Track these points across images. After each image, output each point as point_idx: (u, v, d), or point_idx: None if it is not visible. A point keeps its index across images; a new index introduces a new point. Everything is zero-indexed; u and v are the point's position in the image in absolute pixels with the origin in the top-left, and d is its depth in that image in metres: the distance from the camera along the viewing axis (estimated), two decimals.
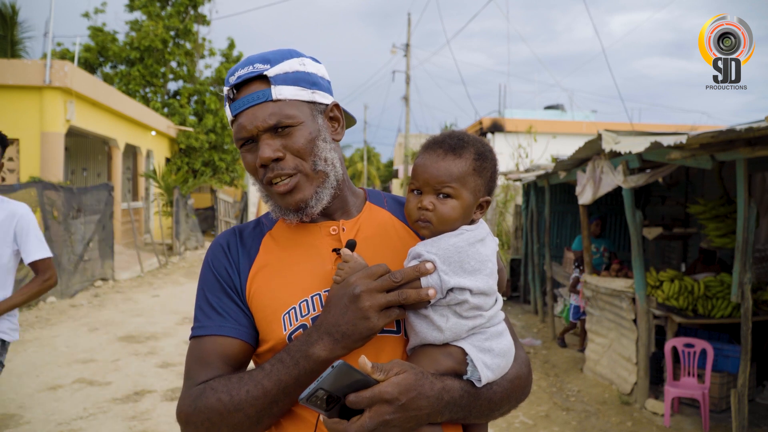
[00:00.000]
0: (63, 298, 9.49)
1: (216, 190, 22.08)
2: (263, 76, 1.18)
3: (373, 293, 1.03)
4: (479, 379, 1.08)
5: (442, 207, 1.13)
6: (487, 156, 1.18)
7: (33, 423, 4.57)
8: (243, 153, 1.20)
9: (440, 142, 1.17)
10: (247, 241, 1.26)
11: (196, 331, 1.19)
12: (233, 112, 1.19)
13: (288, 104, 1.17)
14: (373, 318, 1.02)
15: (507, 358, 1.13)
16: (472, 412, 1.10)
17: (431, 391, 1.02)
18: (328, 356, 1.03)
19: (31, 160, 11.47)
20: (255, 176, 1.21)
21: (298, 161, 1.17)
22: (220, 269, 1.22)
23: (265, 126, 1.15)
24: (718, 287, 5.27)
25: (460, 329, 1.08)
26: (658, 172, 5.01)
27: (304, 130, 1.18)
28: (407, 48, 26.41)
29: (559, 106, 24.26)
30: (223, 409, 1.06)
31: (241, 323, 1.17)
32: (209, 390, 1.08)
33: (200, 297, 1.22)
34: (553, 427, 4.81)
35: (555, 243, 9.65)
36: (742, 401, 4.06)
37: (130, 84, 20.90)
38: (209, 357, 1.15)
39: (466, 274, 1.08)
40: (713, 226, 5.67)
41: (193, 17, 21.90)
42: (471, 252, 1.10)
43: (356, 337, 1.03)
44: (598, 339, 6.11)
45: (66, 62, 11.67)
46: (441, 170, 1.13)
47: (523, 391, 1.20)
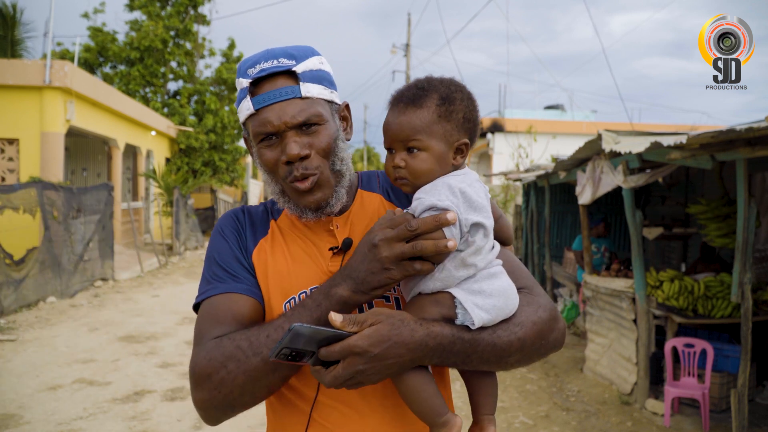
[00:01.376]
0: (63, 298, 9.49)
1: (216, 190, 22.09)
2: (291, 72, 1.17)
3: (391, 243, 1.01)
4: (472, 322, 1.06)
5: (413, 162, 1.11)
6: (454, 98, 1.13)
7: (33, 423, 4.57)
8: (262, 149, 1.18)
9: (401, 95, 1.15)
10: (256, 219, 1.28)
11: (207, 292, 1.18)
12: (256, 106, 1.15)
13: (315, 102, 1.17)
14: (392, 268, 1.01)
15: (505, 299, 1.09)
16: (472, 357, 1.07)
17: (411, 339, 1.01)
18: (350, 297, 1.04)
19: (31, 160, 11.47)
20: (273, 173, 1.19)
21: (322, 160, 1.17)
22: (230, 235, 1.24)
23: (294, 123, 1.14)
24: (718, 287, 5.27)
25: (452, 279, 1.07)
26: (658, 172, 5.01)
27: (329, 129, 1.19)
28: (407, 48, 26.41)
29: (559, 106, 24.27)
30: (242, 355, 1.04)
31: (253, 285, 1.19)
32: (227, 339, 1.07)
33: (210, 262, 1.22)
34: (553, 427, 4.81)
35: (555, 243, 9.65)
36: (742, 401, 4.06)
37: (130, 84, 20.90)
38: (223, 314, 1.14)
39: (476, 211, 1.06)
40: (714, 226, 5.67)
41: (193, 17, 21.90)
42: (473, 191, 1.08)
43: (374, 284, 1.03)
44: (598, 339, 6.11)
45: (66, 62, 11.66)
46: (404, 125, 1.11)
47: (542, 336, 1.13)
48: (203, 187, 23.17)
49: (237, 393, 1.06)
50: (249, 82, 1.17)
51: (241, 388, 1.05)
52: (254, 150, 1.22)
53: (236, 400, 1.07)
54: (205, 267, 1.23)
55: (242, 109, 1.19)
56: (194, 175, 20.17)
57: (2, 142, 11.54)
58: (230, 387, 1.05)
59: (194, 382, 1.09)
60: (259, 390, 1.07)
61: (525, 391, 5.67)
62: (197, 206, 21.67)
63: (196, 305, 1.20)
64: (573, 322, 8.04)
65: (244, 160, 24.51)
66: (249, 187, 26.89)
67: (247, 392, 1.06)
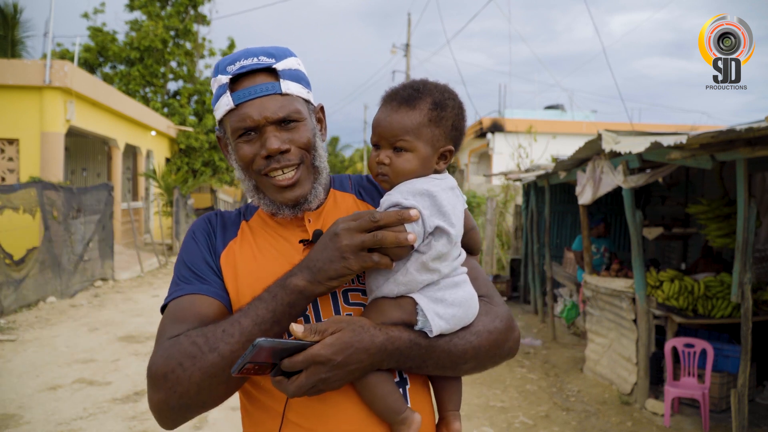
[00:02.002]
0: (63, 298, 9.49)
1: (216, 190, 22.11)
2: (271, 69, 1.18)
3: (352, 232, 1.02)
4: (431, 330, 1.07)
5: (397, 160, 1.13)
6: (446, 105, 1.15)
7: (33, 423, 4.57)
8: (239, 143, 1.19)
9: (395, 94, 1.16)
10: (227, 223, 1.29)
11: (174, 293, 1.17)
12: (236, 101, 1.16)
13: (294, 99, 1.19)
14: (350, 258, 1.01)
15: (465, 309, 1.11)
16: (427, 362, 1.09)
17: (371, 344, 1.02)
18: (306, 287, 1.03)
19: (31, 160, 11.47)
20: (249, 168, 1.20)
21: (302, 155, 1.19)
22: (200, 238, 1.25)
23: (275, 118, 1.16)
24: (718, 287, 5.27)
25: (415, 283, 1.08)
26: (658, 172, 5.01)
27: (308, 126, 1.21)
28: (407, 48, 26.42)
29: (559, 106, 24.26)
30: (197, 352, 1.02)
31: (220, 288, 1.18)
32: (183, 337, 1.05)
33: (180, 264, 1.22)
34: (553, 427, 4.81)
35: (555, 243, 9.65)
36: (742, 401, 4.06)
37: (130, 84, 20.91)
38: (185, 314, 1.12)
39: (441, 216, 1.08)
40: (715, 226, 5.67)
41: (193, 17, 21.90)
42: (445, 197, 1.10)
43: (332, 274, 1.02)
44: (598, 339, 6.11)
45: (66, 62, 11.66)
46: (394, 123, 1.12)
47: (498, 345, 1.17)
48: (203, 187, 23.19)
49: (194, 391, 1.03)
50: (229, 78, 1.17)
51: (198, 386, 1.03)
52: (231, 146, 1.22)
53: (192, 399, 1.04)
54: (174, 270, 1.23)
55: (220, 105, 1.19)
56: (194, 175, 20.17)
57: (2, 142, 11.54)
58: (186, 385, 1.02)
59: (150, 382, 1.06)
60: (217, 388, 1.05)
61: (525, 391, 5.67)
62: (197, 206, 21.68)
63: (163, 307, 1.18)
64: (573, 322, 8.04)
65: None
66: None
67: (204, 390, 1.03)
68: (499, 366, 1.27)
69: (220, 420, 4.66)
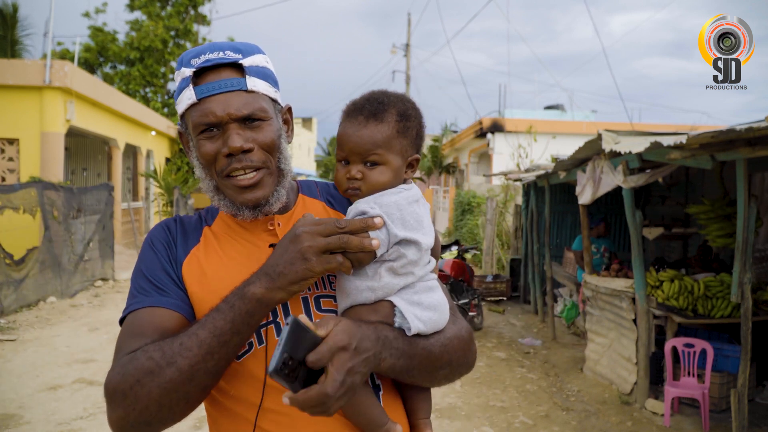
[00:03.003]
0: (63, 298, 9.49)
1: None
2: (237, 64, 1.14)
3: (314, 235, 0.99)
4: (409, 328, 1.08)
5: (370, 174, 1.13)
6: (410, 115, 1.16)
7: (33, 423, 4.57)
8: (201, 140, 1.14)
9: (360, 107, 1.15)
10: (188, 229, 1.23)
11: (132, 305, 1.12)
12: (199, 95, 1.11)
13: (260, 97, 1.15)
14: (312, 259, 0.98)
15: (439, 313, 1.13)
16: (413, 362, 1.08)
17: (369, 331, 1.02)
18: (264, 294, 0.99)
19: (31, 160, 11.47)
20: (209, 167, 1.15)
21: (266, 156, 1.15)
22: (159, 248, 1.19)
23: (239, 115, 1.11)
24: (718, 287, 5.28)
25: (392, 287, 1.08)
26: (658, 172, 5.01)
27: (273, 126, 1.16)
28: (407, 48, 26.41)
29: (559, 106, 24.25)
30: (155, 367, 0.98)
31: (180, 299, 1.13)
32: (140, 352, 1.01)
33: (138, 275, 1.17)
34: (553, 427, 4.81)
35: (555, 243, 9.65)
36: (742, 401, 4.06)
37: (130, 84, 20.92)
38: (144, 328, 1.07)
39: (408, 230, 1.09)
40: (716, 225, 5.67)
41: (193, 17, 21.91)
42: (410, 210, 1.11)
43: (292, 278, 0.99)
44: (598, 339, 6.11)
45: (66, 62, 11.66)
46: (364, 138, 1.12)
47: (464, 353, 1.18)
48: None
49: (154, 408, 0.99)
50: (192, 71, 1.13)
51: (158, 402, 0.99)
52: (192, 143, 1.18)
53: (153, 416, 1.00)
54: (132, 280, 1.18)
55: (182, 99, 1.14)
56: (194, 175, 20.16)
57: (2, 142, 11.55)
58: (145, 402, 0.98)
59: (108, 399, 1.01)
60: (177, 403, 1.00)
61: (525, 391, 5.67)
62: (197, 206, 21.62)
63: (121, 320, 1.13)
64: (573, 322, 8.04)
65: None
66: None
67: (164, 407, 0.99)
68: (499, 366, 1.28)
69: None
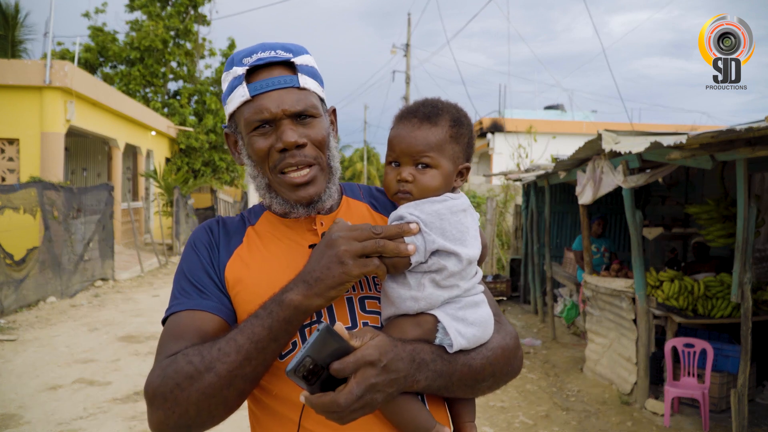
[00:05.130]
0: (63, 298, 9.49)
1: (216, 190, 22.09)
2: (289, 63, 1.16)
3: (350, 240, 1.00)
4: (450, 344, 1.07)
5: (421, 177, 1.12)
6: (463, 122, 1.16)
7: (33, 423, 4.57)
8: (254, 137, 1.15)
9: (414, 111, 1.15)
10: (231, 230, 1.23)
11: (173, 307, 1.13)
12: (252, 92, 1.13)
13: (311, 95, 1.17)
14: (348, 263, 0.98)
15: (483, 329, 1.12)
16: (452, 379, 1.07)
17: (404, 353, 1.00)
18: (302, 301, 1.00)
19: (31, 160, 11.47)
20: (262, 164, 1.16)
21: (317, 152, 1.16)
22: (201, 249, 1.19)
23: (293, 111, 1.13)
24: (718, 287, 5.28)
25: (436, 299, 1.07)
26: (658, 172, 5.01)
27: (323, 123, 1.18)
28: (407, 48, 26.40)
29: (559, 106, 24.27)
30: (194, 371, 0.99)
31: (221, 302, 1.14)
32: (180, 356, 1.02)
33: (180, 276, 1.18)
34: (553, 427, 4.81)
35: (555, 243, 9.66)
36: (742, 401, 4.06)
37: (130, 84, 20.90)
38: (185, 331, 1.08)
39: (447, 241, 1.07)
40: (719, 225, 5.68)
41: (193, 17, 21.90)
42: (453, 220, 1.09)
43: (330, 283, 0.99)
44: (598, 339, 6.11)
45: (66, 62, 11.67)
46: (418, 140, 1.12)
47: (509, 363, 1.16)
48: (203, 187, 23.17)
49: (193, 412, 1.00)
50: (245, 69, 1.14)
51: (197, 406, 1.00)
52: (242, 142, 1.19)
53: (192, 419, 1.01)
54: (174, 281, 1.19)
55: (234, 97, 1.15)
56: (194, 175, 20.17)
57: (2, 142, 11.55)
58: (185, 406, 0.99)
59: (149, 402, 1.03)
60: (216, 408, 1.01)
61: (525, 391, 5.67)
62: (197, 206, 21.66)
63: (164, 320, 1.15)
64: (573, 322, 8.04)
65: None
66: (249, 187, 26.87)
67: (203, 411, 1.01)
68: None
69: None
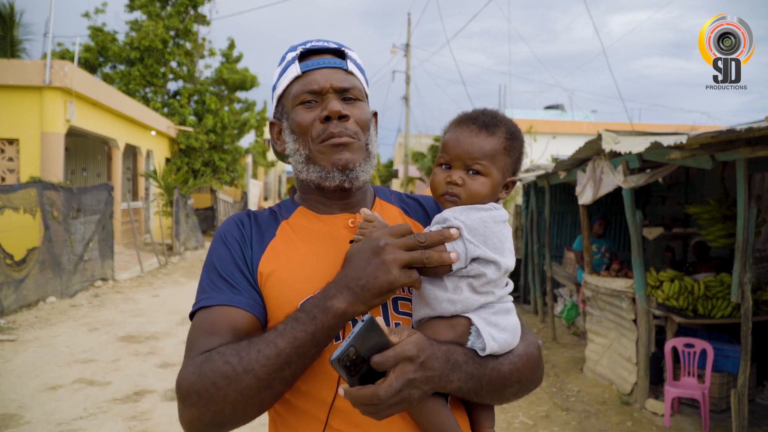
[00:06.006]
0: (63, 298, 9.49)
1: (216, 190, 22.09)
2: (340, 51, 1.25)
3: (397, 248, 1.01)
4: (482, 348, 1.08)
5: (471, 183, 1.14)
6: (517, 136, 1.20)
7: (33, 423, 4.57)
8: (299, 110, 1.21)
9: (474, 118, 1.18)
10: (262, 224, 1.24)
11: (204, 301, 1.12)
12: (303, 69, 1.21)
13: (357, 80, 1.25)
14: (394, 272, 0.99)
15: (513, 335, 1.14)
16: (482, 383, 1.08)
17: (439, 352, 1.02)
18: (347, 309, 1.00)
19: (31, 160, 11.46)
20: (304, 136, 1.21)
21: (358, 129, 1.21)
22: (233, 243, 1.19)
23: (339, 86, 1.20)
24: (718, 287, 5.28)
25: (471, 303, 1.09)
26: (658, 172, 5.01)
27: (366, 108, 1.26)
28: (407, 48, 26.39)
29: (559, 106, 24.28)
30: (232, 372, 0.99)
31: (253, 298, 1.13)
32: (216, 354, 1.02)
33: (210, 269, 1.17)
34: (553, 427, 4.81)
35: (555, 243, 9.65)
36: (742, 401, 4.06)
37: (130, 84, 20.89)
38: (218, 327, 1.08)
39: (488, 249, 1.09)
40: (720, 225, 5.68)
41: (193, 17, 21.89)
42: (495, 229, 1.11)
43: (375, 291, 1.00)
44: (598, 339, 6.11)
45: (66, 62, 11.66)
46: (474, 146, 1.14)
47: (533, 371, 1.18)
48: (203, 187, 23.17)
49: (228, 411, 1.01)
50: (298, 52, 1.23)
51: (233, 406, 1.00)
52: (286, 120, 1.25)
53: (227, 418, 1.02)
54: (203, 274, 1.18)
55: (286, 76, 1.23)
56: (194, 175, 20.16)
57: (2, 142, 11.54)
58: (220, 405, 1.00)
59: (182, 398, 1.02)
60: (252, 408, 1.02)
61: None
62: (197, 206, 21.67)
63: (192, 313, 1.15)
64: (573, 322, 8.04)
65: (244, 160, 24.50)
66: (249, 187, 26.89)
67: (238, 411, 1.02)
68: None
69: None
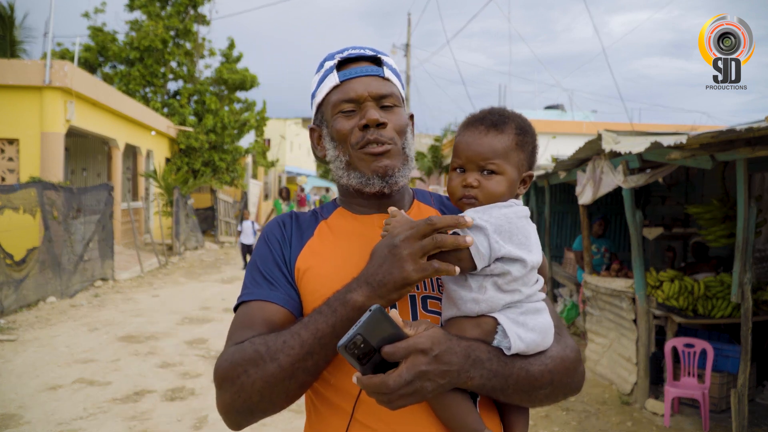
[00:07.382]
0: (63, 298, 9.49)
1: (216, 190, 22.07)
2: (376, 58, 1.28)
3: (411, 241, 1.02)
4: (509, 347, 1.07)
5: (487, 183, 1.14)
6: (528, 130, 1.19)
7: (33, 423, 4.57)
8: (339, 118, 1.24)
9: (481, 118, 1.19)
10: (303, 224, 1.31)
11: (244, 296, 1.21)
12: (342, 78, 1.24)
13: (394, 87, 1.28)
14: (408, 267, 1.01)
15: (543, 336, 1.12)
16: (508, 382, 1.08)
17: (458, 347, 1.03)
18: (365, 302, 1.03)
19: (31, 160, 11.46)
20: (343, 143, 1.24)
21: (395, 135, 1.24)
22: (273, 243, 1.27)
23: (378, 94, 1.23)
24: (718, 287, 5.28)
25: (497, 302, 1.08)
26: (658, 172, 5.01)
27: (404, 114, 1.29)
28: (407, 48, 26.38)
29: (559, 106, 24.27)
30: (260, 360, 1.05)
31: (289, 295, 1.20)
32: (248, 344, 1.09)
33: (252, 267, 1.25)
34: (553, 427, 4.81)
35: (555, 243, 9.65)
36: (742, 401, 4.06)
37: (130, 84, 20.87)
38: (254, 320, 1.16)
39: (515, 246, 1.08)
40: (722, 225, 5.67)
41: (193, 17, 21.88)
42: (520, 225, 1.11)
43: (391, 286, 1.02)
44: (598, 339, 6.11)
45: (66, 62, 11.65)
46: (484, 146, 1.15)
47: (568, 374, 1.16)
48: (203, 187, 23.16)
49: (256, 398, 1.07)
50: (337, 60, 1.26)
51: (260, 393, 1.06)
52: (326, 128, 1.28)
53: (255, 405, 1.08)
54: (246, 272, 1.27)
55: (325, 85, 1.27)
56: (194, 175, 20.15)
57: (2, 142, 11.54)
58: (249, 392, 1.06)
59: (218, 384, 1.11)
60: (277, 397, 1.07)
61: None
62: (197, 206, 21.66)
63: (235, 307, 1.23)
64: (573, 322, 8.04)
65: (244, 160, 24.50)
66: (249, 187, 26.88)
67: (265, 398, 1.07)
68: None
69: (220, 420, 4.66)
